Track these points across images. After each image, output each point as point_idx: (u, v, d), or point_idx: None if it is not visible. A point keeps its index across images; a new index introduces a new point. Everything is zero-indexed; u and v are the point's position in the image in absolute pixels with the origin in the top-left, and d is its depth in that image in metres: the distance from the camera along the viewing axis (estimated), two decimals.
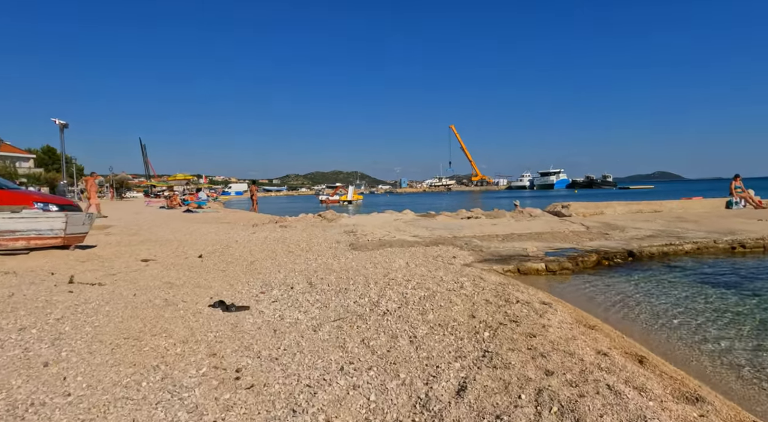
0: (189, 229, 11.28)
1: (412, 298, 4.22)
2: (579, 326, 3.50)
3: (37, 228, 6.11)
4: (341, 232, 9.99)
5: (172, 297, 4.53)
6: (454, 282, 4.79)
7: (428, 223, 11.43)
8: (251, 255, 7.43)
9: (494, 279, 4.99)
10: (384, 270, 5.51)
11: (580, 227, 10.73)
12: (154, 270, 6.04)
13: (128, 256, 6.93)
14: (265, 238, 9.27)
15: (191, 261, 6.85)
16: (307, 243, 8.67)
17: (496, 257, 7.34)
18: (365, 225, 10.81)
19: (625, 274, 6.52)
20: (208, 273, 5.99)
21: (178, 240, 8.77)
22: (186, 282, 5.31)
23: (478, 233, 10.01)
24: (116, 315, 3.86)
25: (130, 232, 10.15)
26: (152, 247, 7.82)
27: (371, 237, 9.33)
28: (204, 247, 8.00)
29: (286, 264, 6.66)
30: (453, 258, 6.86)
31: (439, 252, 7.46)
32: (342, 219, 12.04)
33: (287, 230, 10.67)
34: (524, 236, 9.55)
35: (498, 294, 4.22)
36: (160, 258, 6.98)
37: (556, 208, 13.16)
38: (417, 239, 9.16)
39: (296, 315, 4.06)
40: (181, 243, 8.50)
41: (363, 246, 8.26)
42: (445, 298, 4.14)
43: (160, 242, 8.53)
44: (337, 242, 8.84)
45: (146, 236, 9.46)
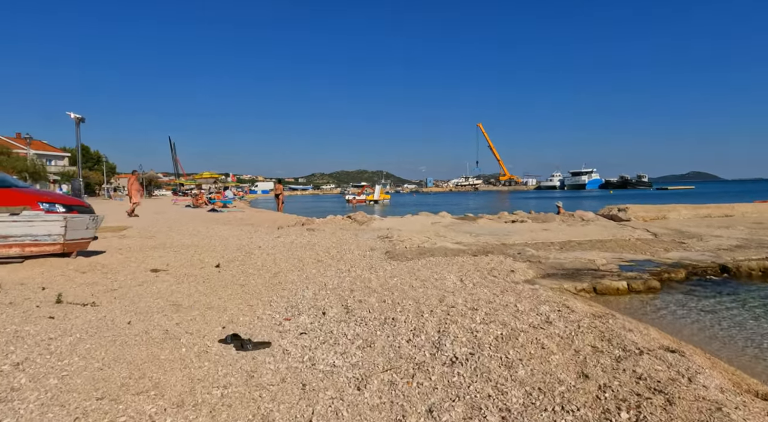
0: (210, 232, 10.48)
1: (485, 338, 3.14)
2: (748, 397, 2.36)
3: (32, 234, 5.31)
4: (375, 238, 8.97)
5: (175, 327, 3.58)
6: (535, 313, 3.68)
7: (470, 228, 10.30)
8: (275, 264, 6.49)
9: (584, 308, 3.86)
10: (437, 292, 4.44)
11: (645, 234, 9.40)
12: (162, 284, 5.15)
13: (137, 265, 6.09)
14: (291, 244, 8.33)
15: (207, 271, 5.95)
16: (338, 250, 7.69)
17: (561, 271, 6.18)
18: (401, 230, 9.77)
19: (728, 296, 5.26)
20: (224, 289, 5.06)
21: (196, 246, 7.92)
22: (196, 303, 4.38)
23: (529, 240, 8.82)
24: (97, 355, 2.92)
25: (147, 235, 9.40)
26: (166, 254, 6.98)
27: (409, 243, 8.28)
28: (223, 254, 7.11)
29: (315, 278, 5.68)
30: (511, 273, 5.74)
31: (492, 264, 6.35)
32: (374, 222, 11.05)
33: (315, 234, 9.73)
34: (584, 244, 8.32)
35: (604, 336, 3.10)
36: (172, 267, 6.11)
37: (612, 211, 11.80)
38: (461, 246, 8.06)
39: (332, 358, 3.04)
40: (199, 248, 7.64)
41: (401, 255, 7.22)
42: (531, 340, 3.05)
43: (176, 247, 7.69)
44: (371, 249, 7.83)
45: (163, 240, 8.67)
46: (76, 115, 9.73)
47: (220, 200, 29.23)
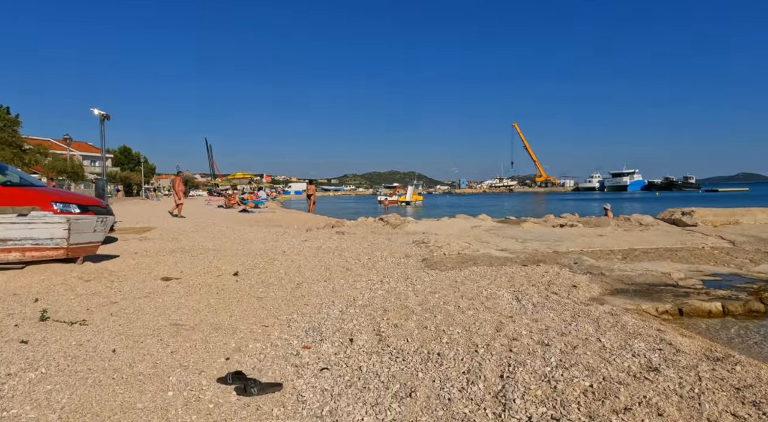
0: (235, 234, 9.95)
1: (570, 393, 2.29)
2: None
3: (33, 237, 4.81)
4: (410, 243, 8.17)
5: (168, 357, 2.90)
6: (628, 352, 2.79)
7: (514, 233, 9.33)
8: (299, 273, 5.79)
9: (691, 346, 2.93)
10: (491, 316, 3.59)
11: (721, 241, 8.19)
12: (170, 296, 4.53)
13: (148, 272, 5.52)
14: (318, 249, 7.64)
15: (223, 281, 5.31)
16: (369, 257, 6.93)
17: (633, 286, 5.20)
18: (438, 234, 8.92)
19: None
20: (238, 303, 4.39)
21: (216, 250, 7.35)
22: (202, 322, 3.70)
23: (585, 247, 7.81)
24: (56, 403, 2.26)
25: (168, 237, 8.94)
26: (183, 259, 6.41)
27: (448, 250, 7.43)
28: (244, 260, 6.48)
29: (343, 290, 4.95)
30: (573, 289, 4.82)
31: (548, 276, 5.43)
32: (408, 225, 10.25)
33: (345, 238, 9.02)
34: (651, 253, 7.25)
35: (743, 397, 2.19)
36: (186, 275, 5.51)
37: (674, 215, 10.55)
38: (507, 254, 7.15)
39: (360, 412, 2.27)
40: (219, 253, 7.05)
41: (440, 264, 6.39)
42: (639, 400, 2.17)
43: (196, 252, 7.13)
44: (406, 256, 7.03)
45: (184, 243, 8.16)
46: (100, 112, 9.40)
47: (252, 201, 29.13)
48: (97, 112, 9.31)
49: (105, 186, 9.58)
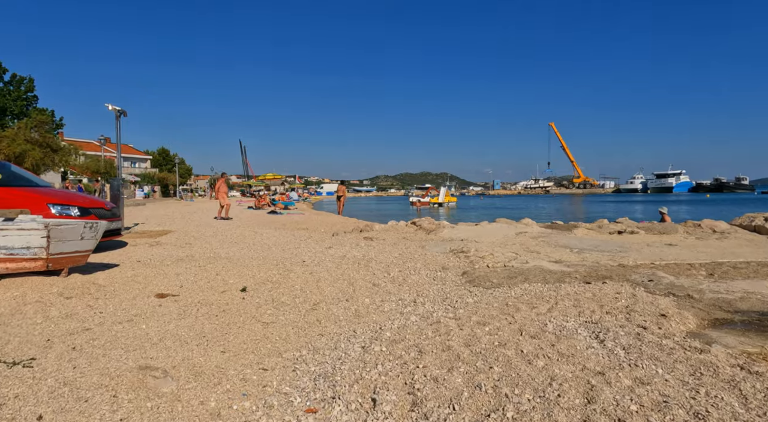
0: (256, 239, 9.20)
1: None
2: None
3: (6, 246, 4.12)
4: (446, 251, 7.15)
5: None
6: None
7: (566, 240, 8.15)
8: (317, 289, 4.91)
9: None
10: (572, 371, 2.55)
11: None
12: (157, 320, 3.72)
13: (143, 287, 4.75)
14: (343, 258, 6.74)
15: (227, 298, 4.48)
16: (401, 268, 5.98)
17: (738, 315, 4.03)
18: (478, 242, 7.87)
19: None
20: (237, 331, 3.54)
21: (229, 258, 6.56)
22: (182, 363, 2.85)
23: (656, 259, 6.58)
24: None
25: (182, 242, 8.26)
26: (188, 270, 5.63)
27: (491, 261, 6.39)
28: (257, 271, 5.65)
29: (368, 314, 4.03)
30: (662, 320, 3.71)
31: (623, 299, 4.32)
32: (444, 230, 9.22)
33: (373, 245, 8.09)
34: (741, 269, 5.97)
35: None
36: (186, 290, 4.72)
37: (755, 221, 9.08)
38: (564, 267, 6.03)
39: None
40: (231, 262, 6.26)
41: (484, 279, 5.37)
42: None
43: (206, 260, 6.37)
44: (443, 268, 6.04)
45: (196, 249, 7.43)
46: (114, 107, 8.86)
47: (282, 202, 28.72)
48: (111, 107, 8.77)
49: (121, 186, 9.02)
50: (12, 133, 15.95)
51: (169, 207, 28.24)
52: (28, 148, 15.22)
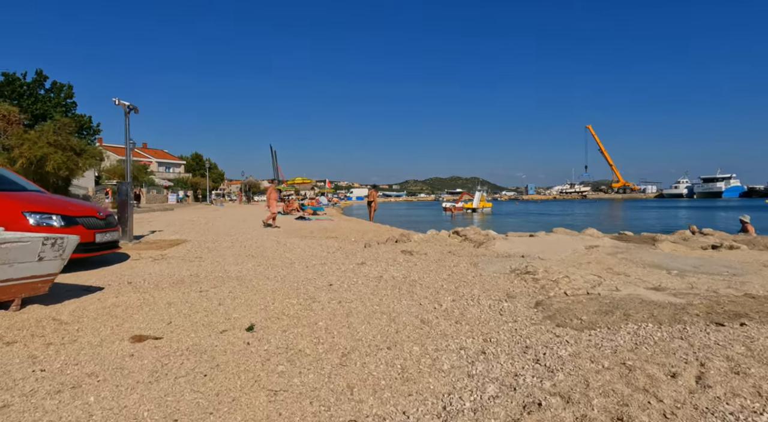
0: (276, 251, 8.03)
1: None
2: None
3: None
4: (507, 272, 5.74)
5: None
6: None
7: (654, 258, 6.59)
8: (348, 330, 3.63)
9: None
10: None
11: None
12: (117, 386, 2.53)
13: (119, 324, 3.59)
14: (379, 279, 5.44)
15: (227, 342, 3.26)
16: (454, 296, 4.64)
17: None
18: (544, 258, 6.42)
19: None
20: (230, 409, 2.31)
21: (240, 279, 5.38)
22: None
23: None
24: None
25: (192, 256, 7.17)
26: (185, 297, 4.46)
27: (568, 286, 4.96)
28: (271, 300, 4.43)
29: (421, 379, 2.75)
30: None
31: None
32: (496, 242, 7.80)
33: (414, 260, 6.76)
34: None
35: None
36: (174, 329, 3.53)
37: None
38: (670, 297, 4.53)
39: None
40: (242, 284, 5.07)
41: (569, 315, 3.98)
42: None
43: (210, 282, 5.19)
44: (508, 296, 4.66)
45: (205, 266, 6.29)
46: (122, 102, 7.92)
47: (311, 207, 27.79)
48: (118, 102, 7.84)
49: (130, 190, 8.06)
50: (34, 135, 15.57)
51: (197, 211, 27.79)
52: (50, 151, 14.77)
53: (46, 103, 42.45)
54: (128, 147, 8.09)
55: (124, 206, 7.93)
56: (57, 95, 44.12)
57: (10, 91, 40.72)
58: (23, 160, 14.14)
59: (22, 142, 14.51)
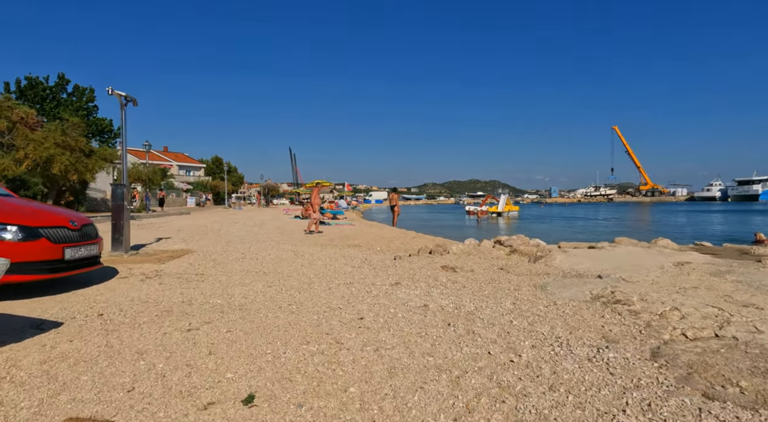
0: (292, 265, 6.85)
1: None
2: None
3: None
4: (587, 299, 4.41)
5: None
6: None
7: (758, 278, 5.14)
8: (394, 404, 2.37)
9: None
10: None
11: None
12: None
13: (52, 396, 2.40)
14: (424, 311, 4.17)
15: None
16: (531, 339, 3.35)
17: None
18: (629, 280, 5.05)
19: None
20: None
21: (244, 308, 4.18)
22: None
23: None
24: None
25: (192, 272, 6.02)
26: (162, 342, 3.26)
27: (683, 323, 3.62)
28: (283, 346, 3.21)
29: None
30: None
31: None
32: (555, 255, 6.45)
33: (460, 280, 5.47)
34: None
35: None
36: (135, 403, 2.33)
37: None
38: None
39: None
40: (244, 318, 3.86)
41: (713, 375, 2.65)
42: None
43: (203, 315, 4.00)
44: (606, 340, 3.34)
45: (203, 288, 5.11)
46: (118, 93, 6.87)
47: (330, 211, 26.70)
48: (111, 91, 6.79)
49: (126, 194, 7.00)
50: (41, 136, 14.83)
51: (213, 215, 26.98)
52: (58, 152, 13.99)
53: (67, 106, 42.58)
54: (124, 144, 7.04)
55: (120, 212, 6.87)
56: (79, 99, 44.28)
57: (33, 95, 40.99)
58: (29, 161, 13.40)
59: (27, 143, 13.78)
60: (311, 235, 13.18)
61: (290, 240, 11.31)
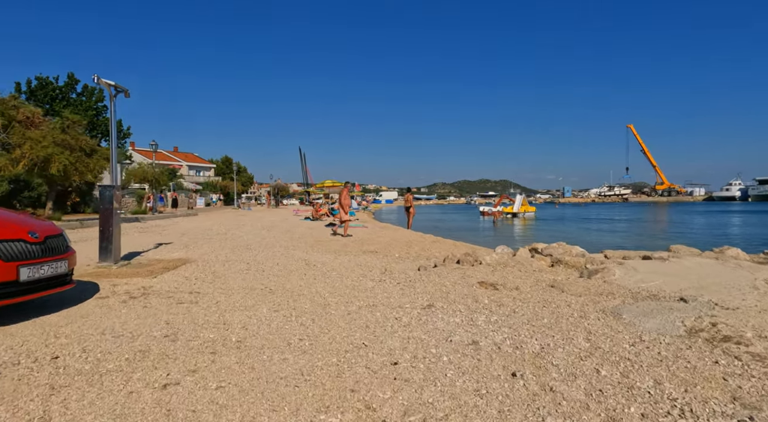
0: (304, 280, 5.94)
1: None
2: None
3: None
4: (683, 335, 3.41)
5: None
6: None
7: None
8: None
9: None
10: None
11: None
12: None
13: None
14: (476, 352, 3.20)
15: None
16: (635, 402, 2.37)
17: None
18: (719, 303, 4.05)
19: None
20: None
21: (242, 347, 3.26)
22: None
23: None
24: None
25: (186, 289, 5.13)
26: (121, 413, 2.36)
27: None
28: (292, 410, 2.29)
29: None
30: None
31: None
32: (610, 269, 5.46)
33: (506, 301, 4.50)
34: None
35: None
36: None
37: None
38: None
39: None
40: (243, 364, 2.95)
41: None
42: None
43: (191, 354, 3.10)
44: (744, 413, 2.33)
45: (196, 313, 4.20)
46: (107, 82, 6.03)
47: None
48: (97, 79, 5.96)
49: (117, 196, 6.16)
50: (38, 134, 14.09)
51: (222, 216, 26.25)
52: (56, 151, 13.25)
53: (77, 106, 42.29)
54: (113, 141, 6.19)
55: (108, 217, 6.02)
56: (88, 98, 43.93)
57: (43, 95, 40.68)
58: (26, 160, 12.69)
59: (24, 141, 13.06)
60: (333, 238, 12.28)
61: (300, 246, 10.43)
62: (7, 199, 20.50)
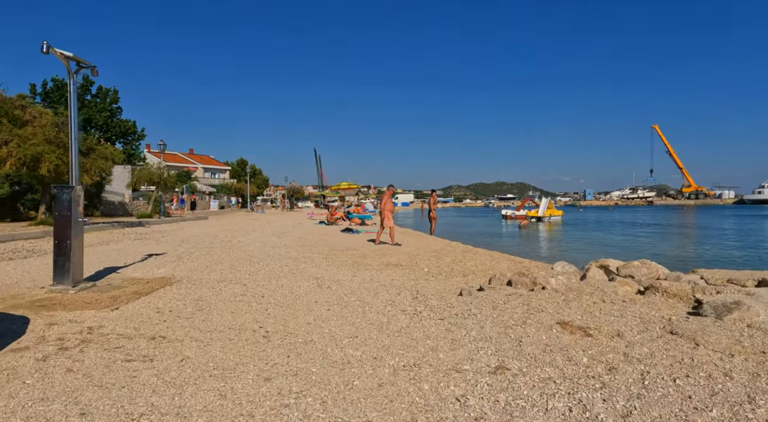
0: (313, 314, 4.46)
1: None
2: None
3: None
4: None
5: None
6: None
7: None
8: None
9: None
10: None
11: None
12: None
13: None
14: None
15: None
16: None
17: None
18: None
19: None
20: None
21: None
22: None
23: None
24: None
25: (149, 333, 3.68)
26: None
27: None
28: None
29: None
30: None
31: None
32: (744, 305, 3.90)
33: (612, 358, 2.97)
34: None
35: None
36: None
37: None
38: None
39: None
40: None
41: None
42: None
43: None
44: None
45: (148, 382, 2.77)
46: (61, 52, 4.69)
47: (357, 216, 24.40)
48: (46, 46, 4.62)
49: (77, 200, 4.81)
50: (28, 131, 12.95)
51: (232, 220, 25.04)
52: (47, 149, 12.10)
53: (92, 108, 41.87)
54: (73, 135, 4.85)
55: (65, 227, 4.65)
56: (103, 100, 43.48)
57: (59, 96, 40.30)
58: (12, 160, 11.56)
59: (11, 138, 11.92)
60: (350, 247, 10.82)
61: (313, 257, 8.99)
62: (10, 201, 19.58)
